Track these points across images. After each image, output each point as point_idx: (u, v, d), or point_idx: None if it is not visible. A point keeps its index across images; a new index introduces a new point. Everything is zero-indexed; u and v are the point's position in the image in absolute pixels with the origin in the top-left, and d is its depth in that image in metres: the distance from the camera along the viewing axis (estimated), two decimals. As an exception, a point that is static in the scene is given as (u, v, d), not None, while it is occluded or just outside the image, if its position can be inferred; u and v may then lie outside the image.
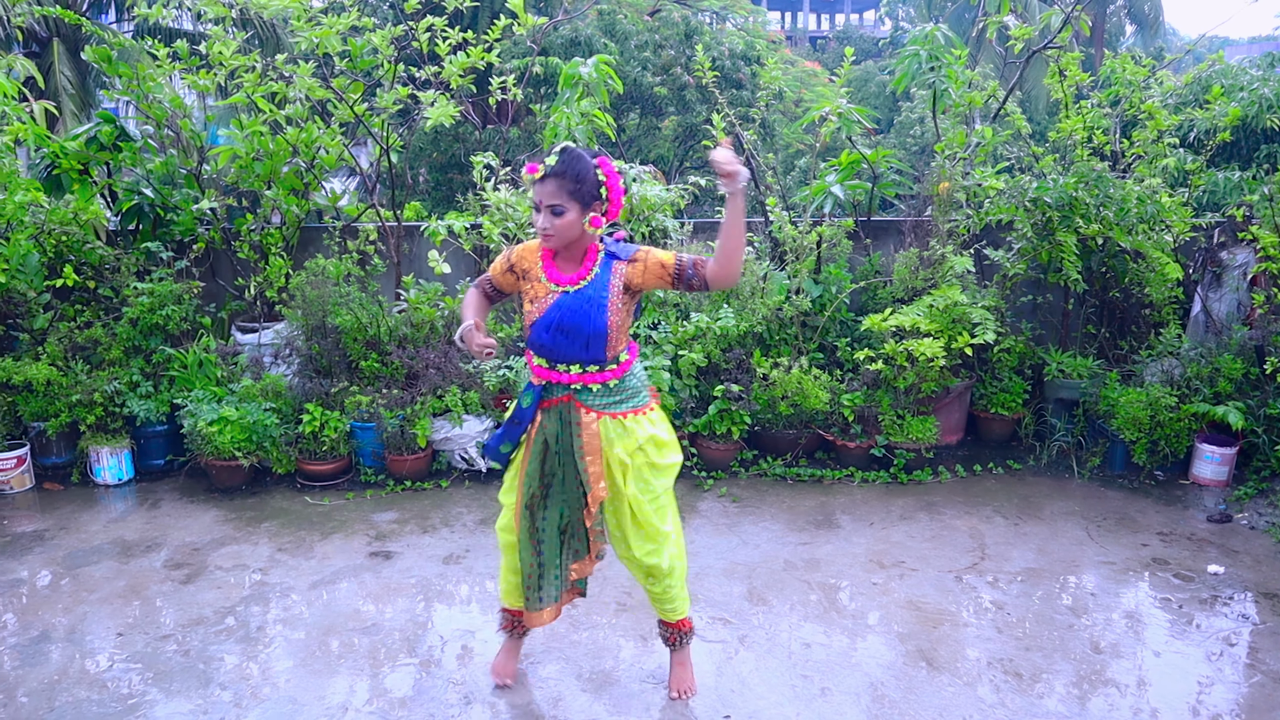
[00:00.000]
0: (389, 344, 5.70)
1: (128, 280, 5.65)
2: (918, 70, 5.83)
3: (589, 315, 2.95)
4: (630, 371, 3.11)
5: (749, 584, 4.25)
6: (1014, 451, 5.95)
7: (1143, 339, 5.97)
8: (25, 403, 5.43)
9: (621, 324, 3.01)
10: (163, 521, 4.99)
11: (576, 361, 3.01)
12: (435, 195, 16.30)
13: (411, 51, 5.90)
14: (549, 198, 2.86)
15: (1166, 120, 5.93)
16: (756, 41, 18.59)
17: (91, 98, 14.75)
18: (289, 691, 3.43)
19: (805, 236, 5.87)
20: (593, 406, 3.06)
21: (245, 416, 5.26)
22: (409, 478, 5.47)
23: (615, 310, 2.97)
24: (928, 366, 5.37)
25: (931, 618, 3.96)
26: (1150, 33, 31.54)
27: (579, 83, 5.76)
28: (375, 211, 6.14)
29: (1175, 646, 3.76)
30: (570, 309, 2.95)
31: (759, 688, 3.45)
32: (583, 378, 3.03)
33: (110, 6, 16.86)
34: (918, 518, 5.01)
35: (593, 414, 3.06)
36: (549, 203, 2.87)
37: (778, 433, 5.68)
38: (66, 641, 3.77)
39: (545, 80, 14.97)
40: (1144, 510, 5.11)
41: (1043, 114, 20.44)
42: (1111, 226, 5.61)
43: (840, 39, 44.06)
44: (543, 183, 2.87)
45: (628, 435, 3.07)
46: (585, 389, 3.05)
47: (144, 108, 5.95)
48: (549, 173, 2.86)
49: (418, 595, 4.16)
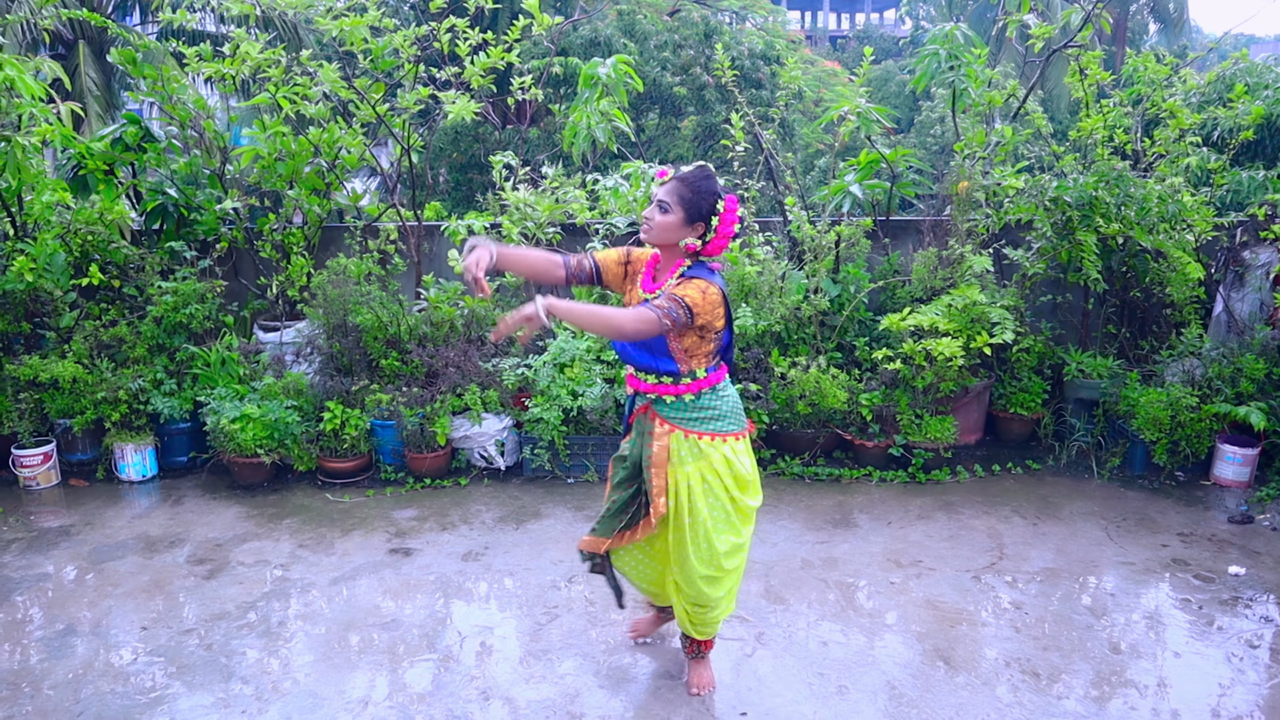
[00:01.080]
0: (409, 342, 5.74)
1: (152, 279, 5.72)
2: (937, 69, 5.82)
3: None
4: (712, 391, 3.07)
5: (766, 582, 4.26)
6: (1033, 451, 5.93)
7: (1164, 339, 5.93)
8: (52, 400, 5.50)
9: (688, 344, 2.98)
10: (186, 518, 5.04)
11: (652, 371, 3.04)
12: (455, 195, 16.38)
13: (432, 52, 5.94)
14: (663, 194, 2.92)
15: (1189, 119, 5.89)
16: (776, 41, 18.55)
17: (116, 99, 14.88)
18: (309, 686, 3.47)
19: (824, 236, 5.87)
20: (667, 418, 3.08)
21: (267, 414, 5.31)
22: (428, 475, 5.51)
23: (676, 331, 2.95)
24: (946, 366, 5.36)
25: (949, 617, 3.96)
26: (1174, 31, 31.25)
27: (598, 82, 5.79)
28: (396, 211, 6.18)
29: (1195, 648, 3.75)
30: None
31: (776, 685, 3.46)
32: (658, 388, 3.06)
33: (135, 8, 17.02)
34: (936, 517, 5.00)
35: (666, 425, 3.08)
36: (660, 198, 2.92)
37: (795, 432, 5.69)
38: (92, 635, 3.82)
39: (565, 80, 15.00)
40: (1164, 511, 5.08)
41: (1063, 113, 20.31)
42: (1132, 226, 5.59)
43: (860, 38, 43.91)
44: (666, 184, 2.92)
45: (702, 456, 3.07)
46: (660, 400, 3.08)
47: (168, 109, 6.02)
48: (676, 178, 2.92)
49: (437, 592, 4.20)
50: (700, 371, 3.04)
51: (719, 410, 3.08)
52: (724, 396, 3.10)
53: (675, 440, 3.08)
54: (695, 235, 2.94)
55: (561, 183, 6.03)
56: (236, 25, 5.76)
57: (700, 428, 3.06)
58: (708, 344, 3.00)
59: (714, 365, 3.08)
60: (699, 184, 2.90)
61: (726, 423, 3.09)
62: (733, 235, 2.99)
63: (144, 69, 5.86)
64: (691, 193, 2.89)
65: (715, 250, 2.98)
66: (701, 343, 2.99)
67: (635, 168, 5.93)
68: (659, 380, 3.04)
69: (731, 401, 3.13)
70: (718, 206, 2.92)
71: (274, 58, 5.69)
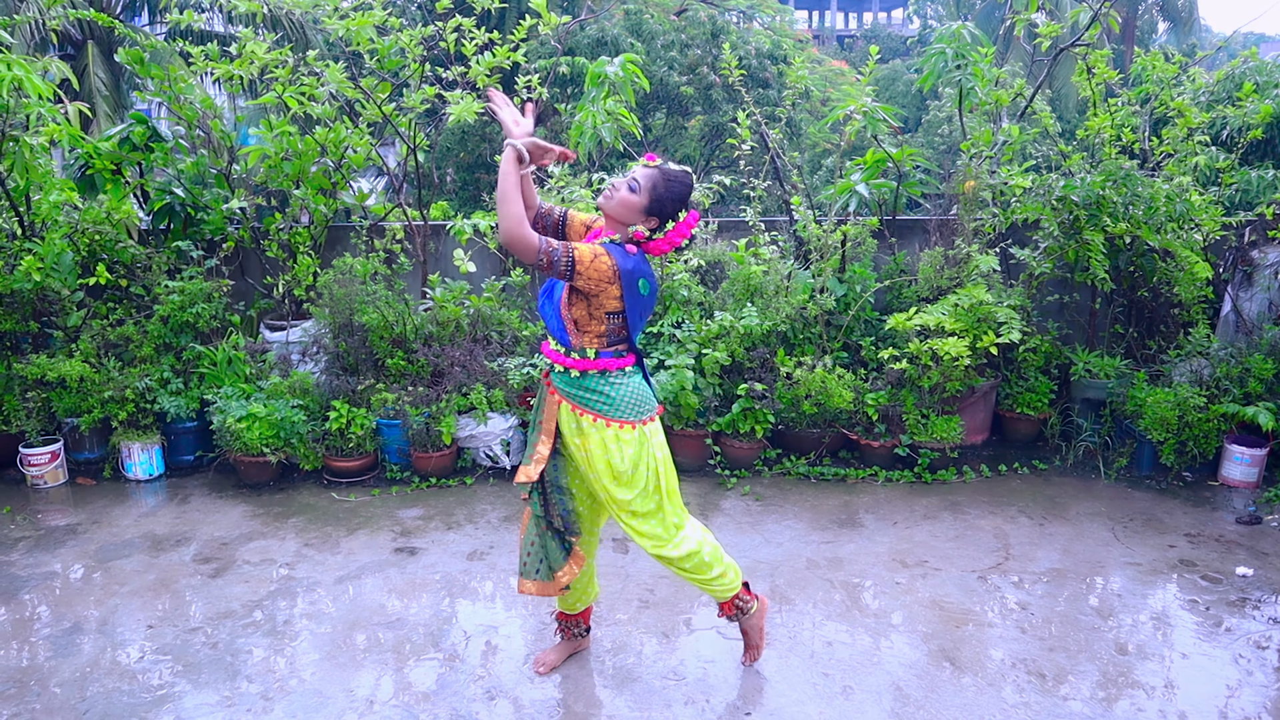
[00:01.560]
0: (415, 342, 5.74)
1: (159, 278, 5.74)
2: (944, 68, 5.80)
3: (552, 291, 3.05)
4: (601, 375, 3.05)
5: (772, 582, 4.25)
6: (1040, 452, 5.91)
7: (1171, 339, 5.91)
8: (59, 399, 5.52)
9: (576, 315, 2.99)
10: (192, 516, 5.05)
11: (555, 337, 3.09)
12: (462, 195, 16.39)
13: (439, 52, 5.94)
14: (639, 175, 2.95)
15: (1197, 118, 5.87)
16: (783, 40, 18.54)
17: (125, 99, 14.94)
18: (315, 685, 3.47)
19: (830, 235, 5.86)
20: (557, 388, 3.12)
21: (273, 413, 5.32)
22: (434, 474, 5.51)
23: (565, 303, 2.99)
24: (952, 366, 5.35)
25: (955, 617, 3.95)
26: (1184, 30, 31.14)
27: (605, 81, 5.78)
28: (402, 210, 6.19)
29: (1203, 649, 3.73)
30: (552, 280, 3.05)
31: (780, 685, 3.46)
32: (554, 355, 3.10)
33: (144, 9, 17.08)
34: (942, 517, 4.99)
35: (556, 396, 3.13)
36: (634, 177, 2.95)
37: (801, 432, 5.68)
38: (98, 633, 3.84)
39: (572, 80, 14.99)
40: (1171, 511, 5.06)
41: (1071, 112, 20.26)
42: (1140, 225, 5.57)
43: (868, 37, 43.84)
44: (647, 169, 2.96)
45: (584, 435, 3.09)
46: (555, 369, 3.12)
47: (175, 109, 6.03)
48: (659, 169, 2.96)
49: (442, 591, 4.20)
50: (590, 351, 3.02)
51: (608, 396, 3.05)
52: (616, 384, 3.06)
53: (564, 411, 3.12)
54: (647, 226, 2.99)
55: (568, 182, 6.03)
56: (244, 25, 5.76)
57: (584, 405, 3.07)
58: (598, 323, 2.98)
59: (608, 350, 3.04)
60: (674, 184, 2.95)
61: (615, 410, 3.05)
62: (678, 245, 3.03)
63: (151, 69, 5.88)
64: (664, 188, 2.94)
65: (654, 249, 3.03)
66: (590, 320, 2.98)
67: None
68: (556, 347, 3.09)
69: (626, 390, 3.07)
70: (680, 214, 2.99)
71: (281, 57, 5.69)
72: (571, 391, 3.09)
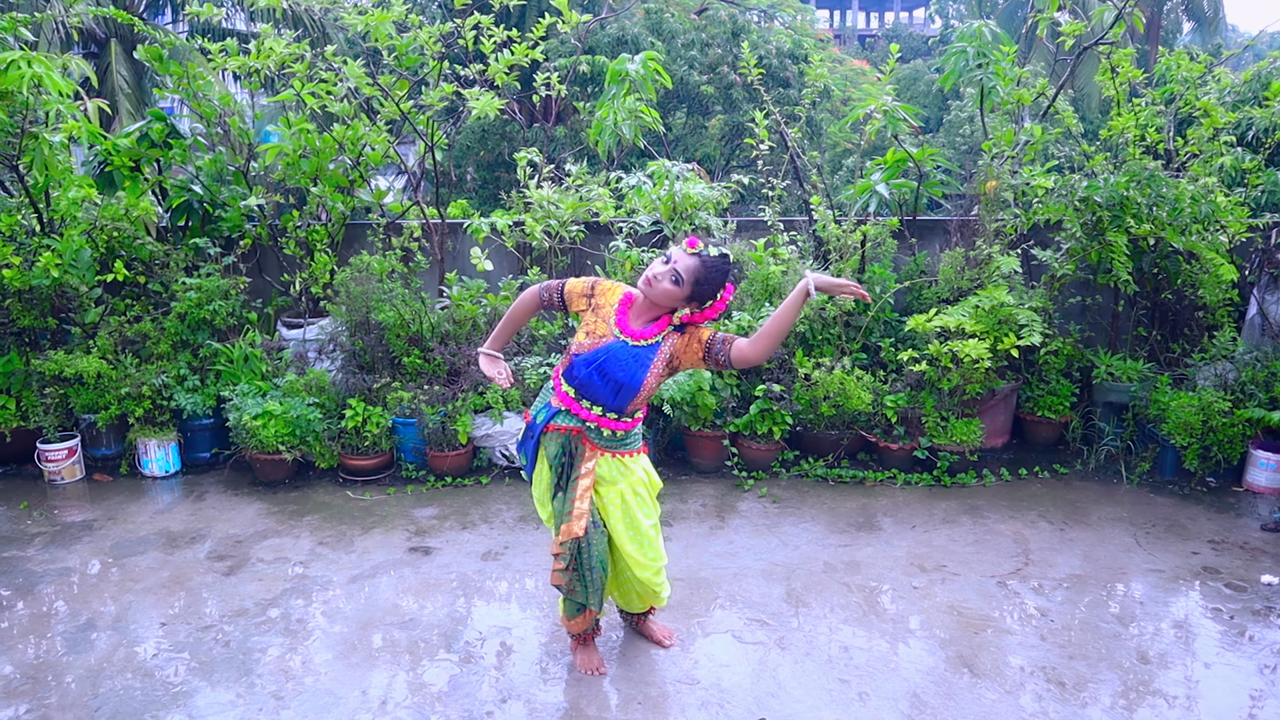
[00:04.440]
0: (431, 340, 5.73)
1: (176, 275, 5.75)
2: (965, 68, 5.74)
3: (632, 370, 3.15)
4: (636, 429, 3.34)
5: (788, 585, 4.22)
6: (1061, 455, 5.84)
7: (1195, 342, 5.83)
8: (77, 395, 5.54)
9: (652, 388, 3.22)
10: (207, 513, 5.06)
11: (600, 404, 3.21)
12: (482, 193, 16.41)
13: (457, 49, 5.93)
14: (682, 270, 3.05)
15: (1223, 118, 5.79)
16: (804, 40, 18.48)
17: (147, 97, 15.03)
18: (328, 684, 3.46)
19: (849, 235, 5.82)
20: (597, 444, 3.27)
21: (289, 411, 5.32)
22: (449, 474, 5.50)
23: (654, 374, 3.18)
24: (973, 368, 5.29)
25: (973, 623, 3.90)
26: (1209, 29, 30.81)
27: (626, 78, 5.75)
28: (420, 209, 6.18)
29: (1226, 658, 3.67)
30: (619, 358, 3.15)
31: (796, 691, 3.42)
32: (600, 420, 3.24)
33: (166, 7, 17.18)
34: (961, 521, 4.94)
35: (596, 450, 3.27)
36: (678, 270, 3.06)
37: (819, 433, 5.63)
38: (112, 630, 3.83)
39: (592, 79, 14.99)
40: (1195, 517, 4.99)
41: (1094, 112, 20.07)
42: (1164, 227, 5.49)
43: (889, 37, 43.65)
44: (688, 258, 3.06)
45: (629, 472, 3.33)
46: (597, 430, 3.25)
47: (194, 106, 6.04)
48: (700, 260, 3.06)
49: (456, 591, 4.18)
50: (638, 413, 3.32)
51: (635, 435, 3.35)
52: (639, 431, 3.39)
53: (602, 463, 3.29)
54: (688, 308, 3.16)
55: (585, 180, 6.00)
56: (264, 21, 5.76)
57: (622, 448, 3.30)
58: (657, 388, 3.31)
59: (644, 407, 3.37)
60: (715, 274, 3.09)
61: (637, 443, 3.36)
62: (712, 319, 3.22)
63: (170, 66, 5.89)
64: (706, 279, 3.08)
65: (707, 316, 3.22)
66: (658, 386, 3.27)
67: (660, 166, 5.89)
68: (604, 414, 3.23)
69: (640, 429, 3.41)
70: (718, 294, 3.15)
71: (299, 52, 5.69)
72: (613, 445, 3.29)
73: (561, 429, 3.28)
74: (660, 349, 3.17)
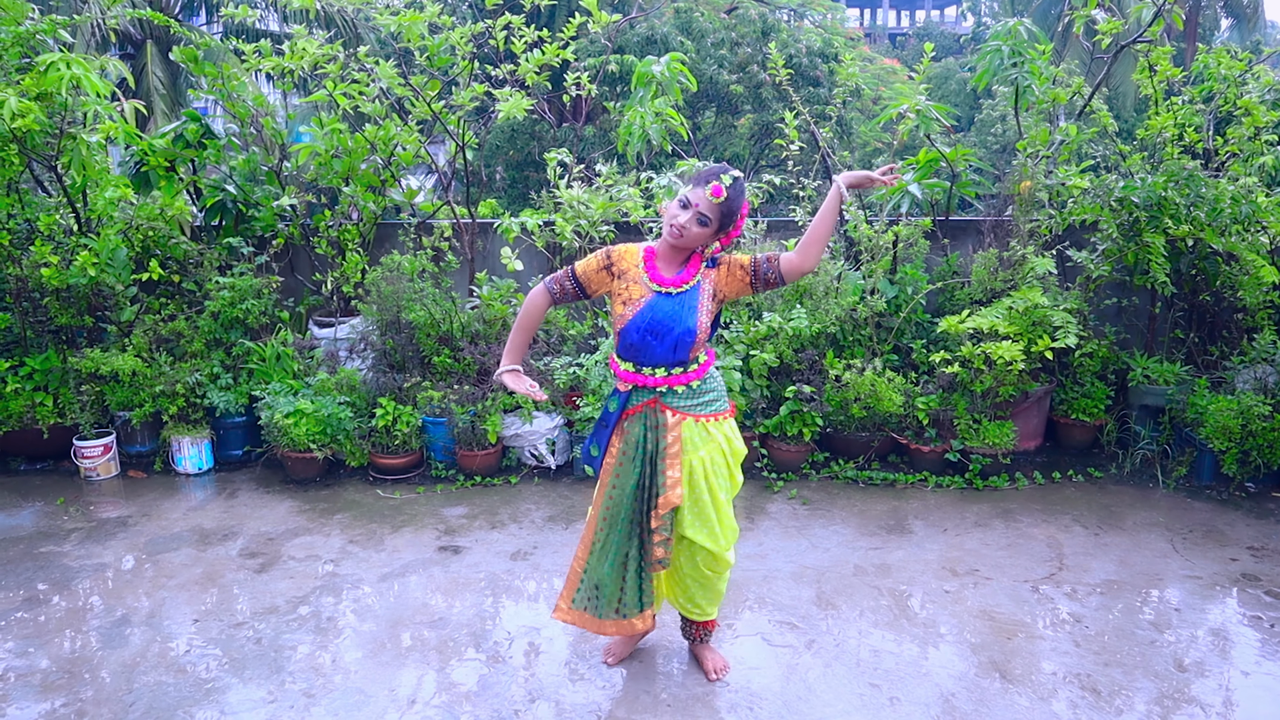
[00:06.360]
0: (461, 340, 5.75)
1: (210, 275, 5.80)
2: (999, 66, 5.68)
3: (680, 317, 3.08)
4: (710, 374, 3.24)
5: (818, 588, 4.19)
6: (1095, 459, 5.77)
7: (1235, 344, 5.73)
8: (112, 392, 5.61)
9: (707, 328, 3.15)
10: (239, 511, 5.10)
11: (663, 364, 3.15)
12: (511, 193, 16.47)
13: (488, 49, 5.94)
14: (706, 210, 3.01)
15: (1264, 116, 5.69)
16: (834, 38, 18.38)
17: (183, 97, 15.21)
18: (358, 682, 3.47)
19: (881, 236, 5.77)
20: (678, 408, 3.19)
21: (320, 409, 5.35)
22: (479, 473, 5.51)
23: (705, 314, 3.12)
24: (1006, 370, 5.23)
25: (1006, 628, 3.86)
26: (1248, 26, 30.35)
27: (652, 81, 5.74)
28: (450, 208, 6.20)
29: (1266, 667, 3.60)
30: (664, 310, 3.09)
31: (825, 695, 3.39)
32: (668, 380, 3.16)
33: (201, 8, 17.38)
34: (993, 525, 4.89)
35: (678, 415, 3.19)
36: (702, 211, 3.01)
37: (850, 435, 5.60)
38: (146, 625, 3.87)
39: (621, 78, 15.00)
40: (1233, 523, 4.91)
41: (1130, 111, 19.83)
42: (1203, 227, 5.41)
43: (920, 35, 43.35)
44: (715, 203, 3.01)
45: (710, 439, 3.22)
46: (670, 391, 3.18)
47: (228, 106, 6.10)
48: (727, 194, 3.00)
49: (485, 590, 4.19)
50: (703, 356, 3.22)
51: (717, 392, 3.26)
52: (717, 377, 3.30)
53: (687, 428, 3.19)
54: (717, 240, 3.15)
55: (615, 180, 6.00)
56: (297, 22, 5.80)
57: (705, 411, 3.21)
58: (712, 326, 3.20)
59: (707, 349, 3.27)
60: (735, 200, 3.04)
61: (723, 403, 3.27)
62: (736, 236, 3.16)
63: (205, 67, 5.94)
64: (729, 209, 3.04)
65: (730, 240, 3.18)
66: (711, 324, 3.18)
67: (690, 166, 5.88)
68: (669, 373, 3.16)
69: (721, 380, 3.32)
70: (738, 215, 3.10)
71: (332, 53, 5.73)
72: (692, 404, 3.20)
73: (638, 408, 3.21)
74: (701, 288, 3.12)
